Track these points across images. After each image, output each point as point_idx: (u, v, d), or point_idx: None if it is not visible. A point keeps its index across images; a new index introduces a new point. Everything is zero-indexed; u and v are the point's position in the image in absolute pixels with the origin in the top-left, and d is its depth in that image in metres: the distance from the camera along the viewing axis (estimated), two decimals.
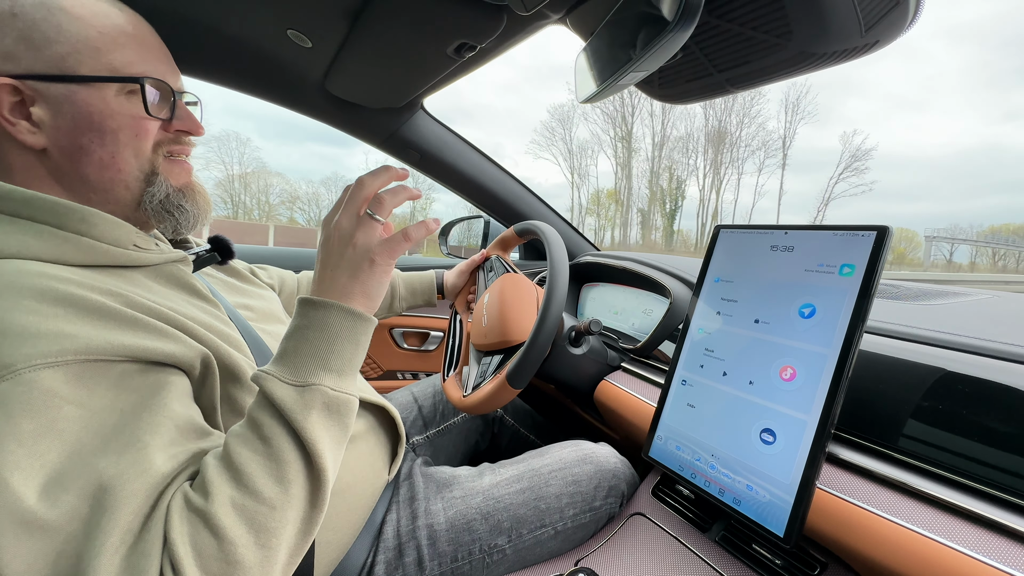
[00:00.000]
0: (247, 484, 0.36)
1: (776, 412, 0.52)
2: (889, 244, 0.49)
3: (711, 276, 0.65)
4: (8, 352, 0.33)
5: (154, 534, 0.33)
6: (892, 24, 0.40)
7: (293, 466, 0.37)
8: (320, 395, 0.39)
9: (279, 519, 0.36)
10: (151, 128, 0.47)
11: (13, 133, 0.42)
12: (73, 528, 0.32)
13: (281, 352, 0.41)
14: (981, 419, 0.44)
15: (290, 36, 0.76)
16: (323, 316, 0.41)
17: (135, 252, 0.46)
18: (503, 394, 0.72)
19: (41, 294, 0.36)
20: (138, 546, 0.33)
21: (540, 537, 0.63)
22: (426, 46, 0.70)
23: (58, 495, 0.32)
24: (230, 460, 0.37)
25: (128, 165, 0.47)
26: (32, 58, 0.41)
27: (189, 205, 0.52)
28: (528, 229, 0.87)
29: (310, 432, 0.38)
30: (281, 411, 0.38)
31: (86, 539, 0.32)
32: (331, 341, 0.41)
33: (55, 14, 0.42)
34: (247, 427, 0.38)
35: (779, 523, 0.48)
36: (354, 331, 0.42)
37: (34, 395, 0.33)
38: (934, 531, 0.42)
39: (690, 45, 0.49)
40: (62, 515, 0.32)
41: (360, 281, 0.43)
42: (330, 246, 0.44)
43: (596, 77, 0.55)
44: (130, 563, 0.32)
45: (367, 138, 1.10)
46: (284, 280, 0.88)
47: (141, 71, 0.46)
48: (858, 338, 0.48)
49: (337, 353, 0.41)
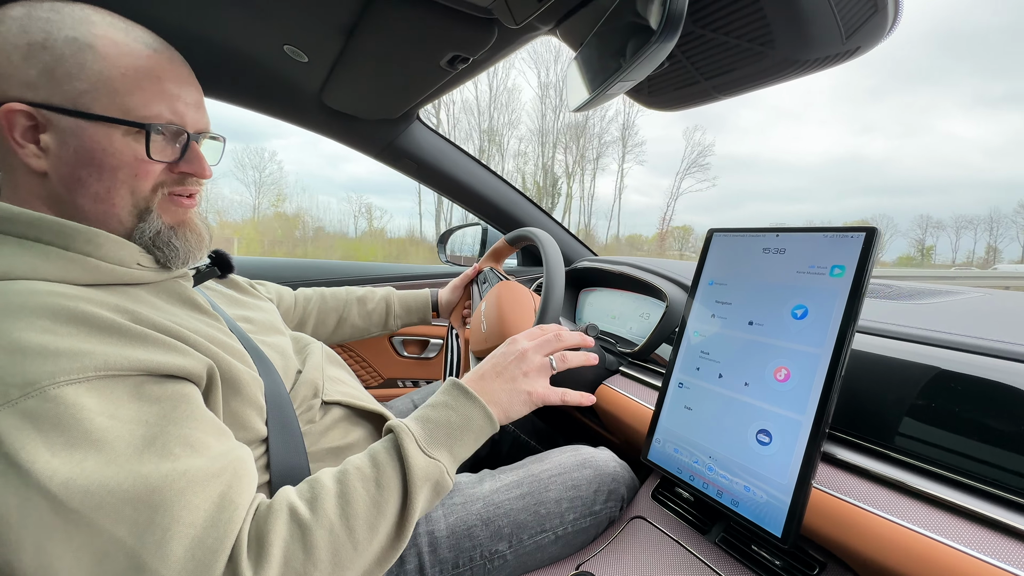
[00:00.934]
0: (348, 519, 0.40)
1: (771, 413, 0.53)
2: (878, 245, 0.50)
3: (705, 279, 0.66)
4: (30, 371, 0.34)
5: (221, 530, 0.35)
6: (872, 31, 0.41)
7: (388, 522, 0.42)
8: (437, 472, 0.46)
9: (355, 560, 0.40)
10: (152, 170, 0.48)
11: (20, 155, 0.44)
12: (120, 531, 0.33)
13: (423, 417, 0.49)
14: (975, 416, 0.45)
15: (287, 51, 0.77)
16: (470, 409, 0.50)
17: (138, 271, 0.47)
18: None
19: (54, 313, 0.37)
20: (204, 539, 0.34)
21: (541, 542, 0.63)
22: (420, 59, 0.71)
23: (101, 498, 0.33)
24: (345, 491, 0.41)
25: (123, 201, 0.47)
26: (51, 90, 0.43)
27: (179, 243, 0.51)
28: (520, 236, 0.88)
29: (416, 501, 0.43)
30: (407, 469, 0.44)
31: (138, 538, 0.33)
32: (464, 431, 0.49)
33: (83, 51, 0.43)
34: (371, 466, 0.44)
35: (777, 523, 0.49)
36: (483, 432, 0.51)
37: (62, 410, 0.34)
38: (931, 529, 0.42)
39: (676, 54, 0.51)
40: (107, 518, 0.33)
41: (509, 399, 0.54)
42: (507, 360, 0.55)
43: (587, 86, 0.56)
44: (196, 554, 0.33)
45: (364, 149, 1.11)
46: (282, 295, 0.89)
47: (155, 113, 0.46)
48: (850, 337, 0.49)
49: (464, 443, 0.49)
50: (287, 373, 0.61)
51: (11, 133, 0.43)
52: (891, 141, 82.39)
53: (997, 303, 0.68)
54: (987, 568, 0.38)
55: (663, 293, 0.87)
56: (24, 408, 0.33)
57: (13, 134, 0.43)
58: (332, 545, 0.38)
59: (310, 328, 0.92)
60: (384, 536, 0.42)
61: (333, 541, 0.39)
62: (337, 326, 0.94)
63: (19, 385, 0.33)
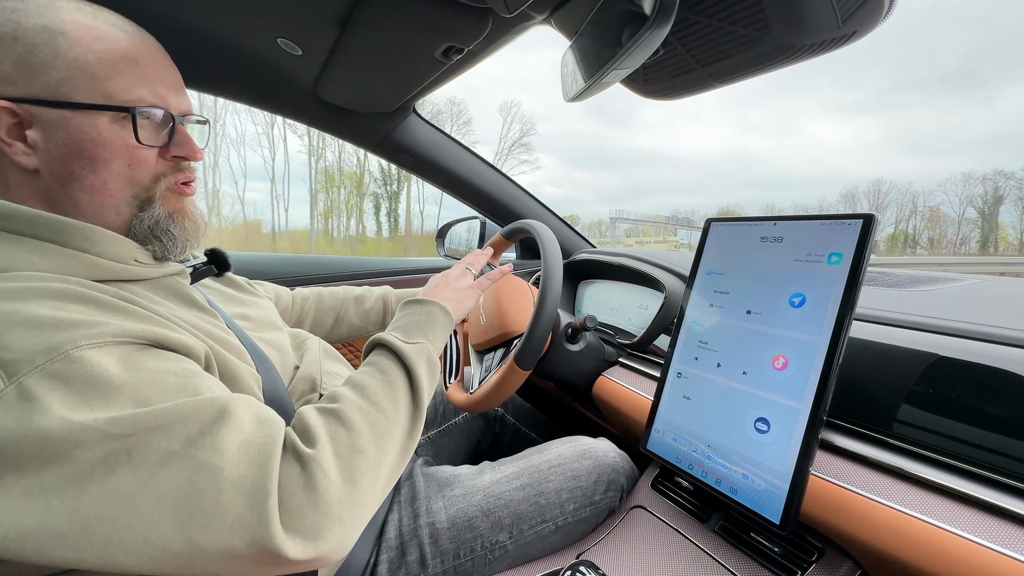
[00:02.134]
0: (370, 397, 0.46)
1: (769, 401, 0.53)
2: (875, 231, 0.50)
3: (703, 269, 0.66)
4: (51, 338, 0.35)
5: (268, 428, 0.38)
6: (868, 15, 0.41)
7: (403, 394, 0.48)
8: (426, 351, 0.53)
9: (390, 428, 0.45)
10: (146, 156, 0.47)
11: (8, 153, 0.43)
12: (174, 445, 0.35)
13: (396, 326, 0.57)
14: (972, 402, 0.45)
15: (280, 44, 0.77)
16: (429, 307, 0.59)
17: (136, 267, 0.47)
18: (513, 378, 0.72)
19: (60, 294, 0.38)
20: (255, 437, 0.37)
21: (541, 532, 0.63)
22: (414, 50, 0.71)
23: (151, 422, 0.34)
24: (355, 381, 0.47)
25: (121, 192, 0.47)
26: (29, 82, 0.42)
27: (177, 231, 0.51)
28: (517, 229, 0.88)
29: (419, 375, 0.50)
30: (400, 356, 0.51)
31: (192, 445, 0.35)
32: (432, 325, 0.58)
33: (55, 39, 0.42)
34: (369, 366, 0.50)
35: (775, 510, 0.49)
36: (446, 324, 0.60)
37: (89, 368, 0.35)
38: (928, 514, 0.42)
39: (672, 41, 0.50)
40: (160, 437, 0.34)
41: (456, 297, 0.65)
42: (440, 279, 0.69)
43: (582, 75, 0.55)
44: (249, 449, 0.36)
45: (360, 142, 1.11)
46: (279, 295, 0.89)
47: (138, 97, 0.45)
48: (847, 325, 0.49)
49: (436, 333, 0.57)
50: (285, 369, 0.61)
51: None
52: (769, 140, 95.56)
53: (994, 289, 0.68)
54: (984, 551, 0.38)
55: (661, 284, 0.87)
56: (52, 371, 0.34)
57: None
58: (366, 417, 0.44)
59: (307, 327, 0.92)
60: (405, 407, 0.48)
61: (365, 415, 0.44)
62: (335, 325, 0.94)
63: (43, 351, 0.34)
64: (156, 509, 0.33)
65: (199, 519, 0.34)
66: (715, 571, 0.55)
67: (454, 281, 0.68)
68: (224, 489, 0.34)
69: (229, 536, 0.34)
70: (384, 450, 0.43)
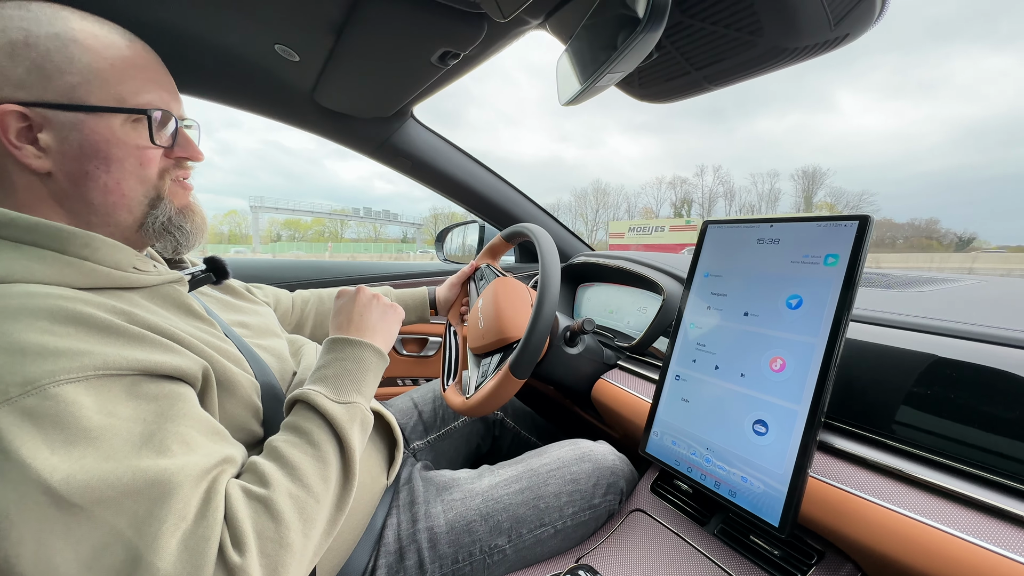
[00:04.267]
0: (301, 479, 0.42)
1: (767, 403, 0.53)
2: (871, 233, 0.50)
3: (701, 271, 0.66)
4: (30, 370, 0.34)
5: (210, 520, 0.36)
6: (860, 17, 0.41)
7: (334, 467, 0.45)
8: (359, 412, 0.49)
9: (319, 511, 0.42)
10: (154, 156, 0.49)
11: (19, 157, 0.43)
12: (119, 523, 0.33)
13: (322, 377, 0.51)
14: (971, 403, 0.45)
15: (277, 51, 0.77)
16: (359, 351, 0.54)
17: (134, 274, 0.47)
18: (507, 386, 0.72)
19: (52, 314, 0.38)
20: (196, 531, 0.35)
21: (540, 536, 0.63)
22: (410, 56, 0.71)
23: (101, 492, 0.33)
24: (284, 459, 0.43)
25: (133, 191, 0.48)
26: (43, 87, 0.43)
27: (188, 225, 0.53)
28: (516, 232, 0.88)
29: (351, 441, 0.46)
30: (331, 422, 0.46)
31: (137, 530, 0.33)
32: (364, 372, 0.53)
33: (68, 45, 0.43)
34: (296, 434, 0.46)
35: (774, 513, 0.49)
36: (378, 366, 0.55)
37: (61, 407, 0.34)
38: (928, 516, 0.42)
39: (666, 44, 0.50)
40: (107, 510, 0.33)
41: (384, 327, 0.60)
42: (361, 302, 0.60)
43: (577, 79, 0.56)
44: (188, 545, 0.34)
45: (359, 148, 1.11)
46: (279, 298, 0.89)
47: (147, 101, 0.47)
48: (844, 326, 0.48)
49: (367, 382, 0.53)
50: (283, 375, 0.61)
51: (5, 135, 0.42)
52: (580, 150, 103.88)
53: (993, 290, 0.67)
54: (983, 553, 0.38)
55: (659, 286, 0.87)
56: (23, 406, 0.33)
57: (8, 136, 0.42)
58: (295, 505, 0.41)
59: (308, 329, 0.92)
60: (336, 482, 0.45)
61: (295, 501, 0.41)
62: None
63: (19, 384, 0.34)
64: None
65: None
66: (715, 575, 0.54)
67: (378, 310, 0.61)
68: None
69: None
70: (311, 537, 0.41)
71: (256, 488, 0.40)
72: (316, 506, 0.42)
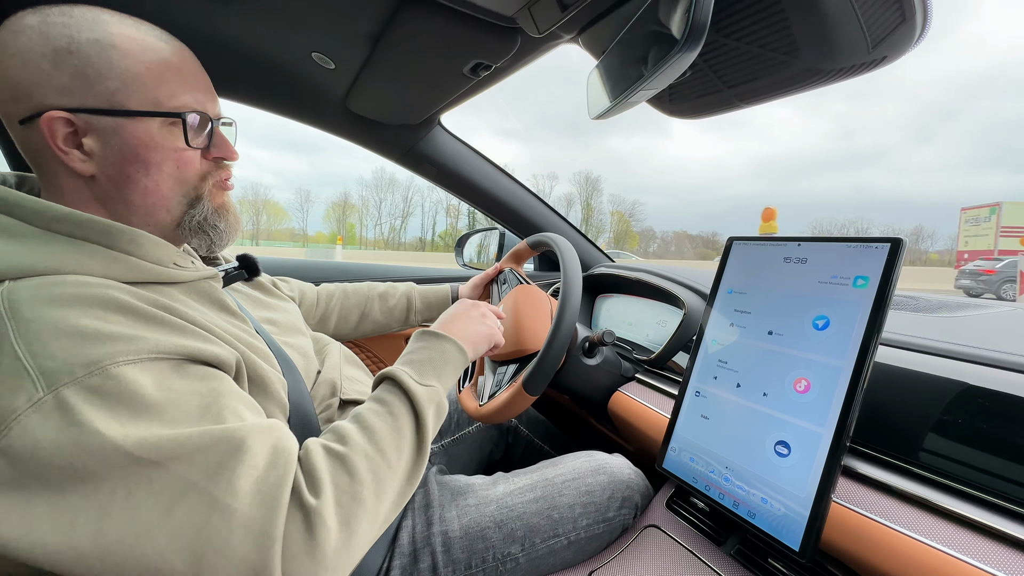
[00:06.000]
0: (377, 444, 0.45)
1: (791, 424, 0.52)
2: (903, 255, 0.49)
3: (724, 287, 0.65)
4: (91, 352, 0.37)
5: (280, 469, 0.39)
6: (899, 40, 0.41)
7: (408, 440, 0.48)
8: (436, 396, 0.53)
9: (392, 478, 0.45)
10: (192, 158, 0.50)
11: (66, 161, 0.45)
12: (193, 475, 0.36)
13: (408, 361, 0.56)
14: (1002, 433, 0.44)
15: (314, 59, 0.80)
16: (443, 344, 0.59)
17: (174, 270, 0.49)
18: (519, 401, 0.72)
19: (104, 303, 0.40)
20: (267, 477, 0.38)
21: (553, 547, 0.63)
22: (443, 66, 0.73)
23: (173, 450, 0.36)
24: (365, 423, 0.47)
25: (172, 192, 0.50)
26: (85, 93, 0.44)
27: (223, 224, 0.55)
28: (541, 241, 0.89)
29: (426, 419, 0.50)
30: (411, 399, 0.50)
31: (210, 479, 0.36)
32: (446, 365, 0.57)
33: (107, 51, 0.45)
34: (379, 404, 0.50)
35: (795, 537, 0.48)
36: (459, 363, 0.59)
37: (123, 385, 0.36)
38: (953, 547, 0.41)
39: (699, 62, 0.51)
40: (181, 465, 0.36)
41: (473, 335, 0.64)
42: (465, 308, 0.68)
43: (608, 94, 0.56)
44: (261, 489, 0.37)
45: (385, 153, 1.13)
46: (304, 293, 0.91)
47: (182, 103, 0.48)
48: (873, 350, 0.48)
49: (447, 373, 0.57)
50: (308, 373, 0.62)
51: (54, 141, 0.44)
52: None
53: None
54: None
55: (681, 300, 0.87)
56: (89, 384, 0.35)
57: (56, 141, 0.44)
58: (370, 466, 0.44)
59: (332, 323, 0.94)
60: (408, 455, 0.48)
61: (370, 463, 0.44)
62: (359, 322, 0.96)
63: (83, 364, 0.36)
64: (170, 543, 0.34)
65: (209, 557, 0.34)
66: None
67: (477, 319, 0.66)
68: (235, 530, 0.35)
69: (234, 575, 0.35)
70: (383, 500, 0.44)
71: (335, 445, 0.44)
72: (389, 472, 0.45)
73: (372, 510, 0.42)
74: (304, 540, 0.37)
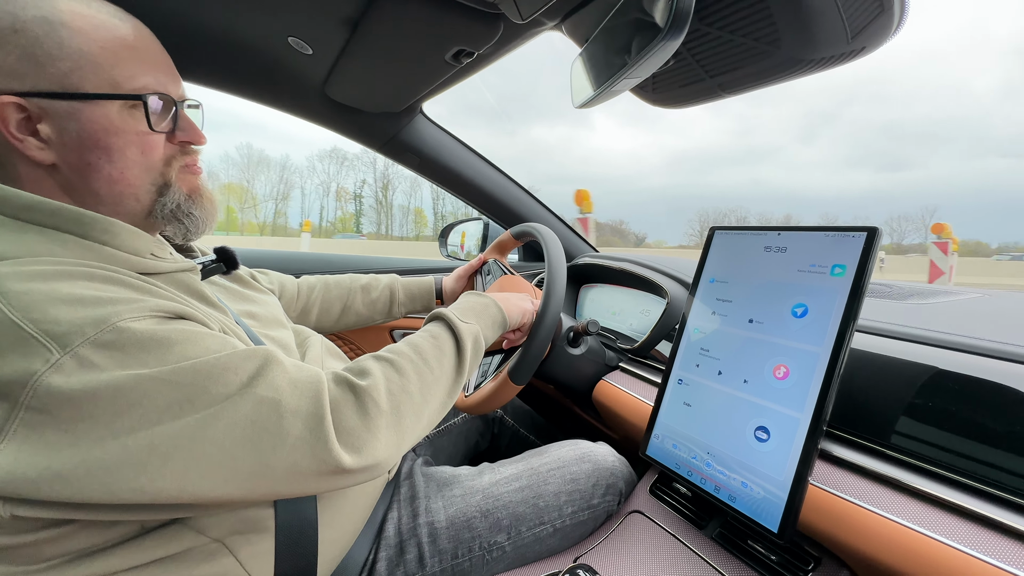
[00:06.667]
0: (422, 354, 0.52)
1: (770, 410, 0.53)
2: (879, 244, 0.50)
3: (706, 277, 0.66)
4: (96, 313, 0.37)
5: (310, 371, 0.43)
6: (878, 31, 0.41)
7: (450, 359, 0.54)
8: (475, 332, 0.59)
9: (435, 383, 0.51)
10: (157, 142, 0.48)
11: (21, 149, 0.42)
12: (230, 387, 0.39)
13: (454, 307, 0.63)
14: (973, 416, 0.45)
15: (291, 43, 0.77)
16: (485, 300, 0.66)
17: (152, 261, 0.47)
18: (505, 391, 0.72)
19: (90, 276, 0.39)
20: (299, 375, 0.42)
21: (539, 535, 0.64)
22: (424, 53, 0.71)
23: (208, 369, 0.38)
24: (410, 341, 0.54)
25: (138, 179, 0.47)
26: (36, 75, 0.41)
27: (198, 211, 0.53)
28: (525, 231, 0.88)
29: (466, 345, 0.56)
30: (453, 329, 0.57)
31: (249, 384, 0.39)
32: (486, 314, 0.64)
33: (57, 29, 0.41)
34: (424, 332, 0.56)
35: (773, 519, 0.49)
36: (497, 321, 0.66)
37: (136, 336, 0.37)
38: (925, 526, 0.42)
39: (682, 51, 0.51)
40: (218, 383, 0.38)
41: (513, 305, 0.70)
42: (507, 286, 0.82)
43: (591, 82, 0.56)
44: (297, 384, 0.41)
45: (366, 142, 1.11)
46: (284, 285, 0.89)
47: (142, 84, 0.45)
48: (849, 337, 0.49)
49: (487, 323, 0.63)
50: None
51: (6, 128, 0.41)
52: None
53: (996, 304, 0.68)
54: (982, 566, 0.38)
55: (664, 290, 0.88)
56: (104, 340, 0.36)
57: (8, 128, 0.41)
58: (416, 369, 0.49)
59: (314, 316, 0.92)
60: (450, 370, 0.54)
61: (415, 367, 0.50)
62: (341, 314, 0.94)
63: (92, 323, 0.36)
64: (228, 436, 0.37)
65: (266, 441, 0.38)
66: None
67: (516, 298, 0.72)
68: (285, 415, 0.39)
69: (293, 453, 0.39)
70: (427, 399, 0.49)
71: (386, 354, 0.50)
72: (431, 376, 0.51)
73: (419, 404, 0.48)
74: (358, 415, 0.42)
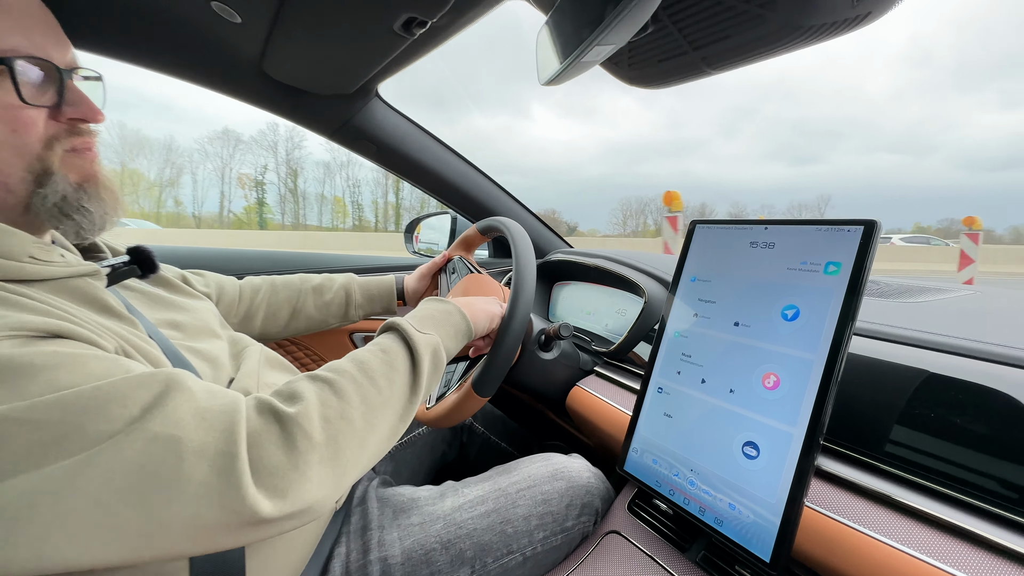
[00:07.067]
0: (367, 372, 0.44)
1: (759, 423, 0.48)
2: (878, 239, 0.45)
3: (687, 275, 0.60)
4: None
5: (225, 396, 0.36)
6: None
7: (402, 376, 0.46)
8: (433, 343, 0.51)
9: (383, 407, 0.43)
10: (32, 118, 0.39)
11: None
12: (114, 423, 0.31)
13: (410, 315, 0.56)
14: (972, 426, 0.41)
15: (215, 8, 0.67)
16: (447, 307, 0.58)
17: (31, 265, 0.38)
18: (469, 404, 0.66)
19: None
20: (210, 404, 0.35)
21: (507, 565, 0.57)
22: (369, 22, 0.62)
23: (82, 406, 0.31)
24: (356, 356, 0.45)
25: (8, 166, 0.39)
26: None
27: (92, 205, 0.44)
28: (492, 226, 0.81)
29: (422, 360, 0.48)
30: (408, 341, 0.49)
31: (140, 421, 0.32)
32: (446, 322, 0.57)
33: None
34: (374, 345, 0.48)
35: (765, 546, 0.44)
36: (460, 329, 0.58)
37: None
38: (933, 555, 0.38)
39: (662, 18, 0.44)
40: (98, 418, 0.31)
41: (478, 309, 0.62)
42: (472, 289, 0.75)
43: (558, 54, 0.49)
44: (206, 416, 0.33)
45: (316, 128, 1.01)
46: (223, 287, 0.79)
47: (11, 46, 0.37)
48: (846, 342, 0.44)
49: (448, 333, 0.56)
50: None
51: None
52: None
53: (988, 303, 0.65)
54: None
55: (641, 288, 0.82)
56: None
57: None
58: (359, 390, 0.42)
59: (259, 322, 0.82)
60: (401, 388, 0.46)
61: (358, 388, 0.42)
62: (290, 319, 0.84)
63: None
64: (105, 486, 0.30)
65: (159, 489, 0.30)
66: None
67: (483, 302, 0.65)
68: (185, 456, 0.31)
69: (195, 504, 0.31)
70: (373, 425, 0.42)
71: (324, 373, 0.42)
72: (379, 398, 0.43)
73: (361, 433, 0.40)
74: (284, 451, 0.35)
